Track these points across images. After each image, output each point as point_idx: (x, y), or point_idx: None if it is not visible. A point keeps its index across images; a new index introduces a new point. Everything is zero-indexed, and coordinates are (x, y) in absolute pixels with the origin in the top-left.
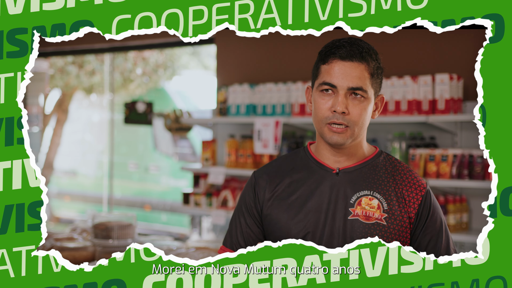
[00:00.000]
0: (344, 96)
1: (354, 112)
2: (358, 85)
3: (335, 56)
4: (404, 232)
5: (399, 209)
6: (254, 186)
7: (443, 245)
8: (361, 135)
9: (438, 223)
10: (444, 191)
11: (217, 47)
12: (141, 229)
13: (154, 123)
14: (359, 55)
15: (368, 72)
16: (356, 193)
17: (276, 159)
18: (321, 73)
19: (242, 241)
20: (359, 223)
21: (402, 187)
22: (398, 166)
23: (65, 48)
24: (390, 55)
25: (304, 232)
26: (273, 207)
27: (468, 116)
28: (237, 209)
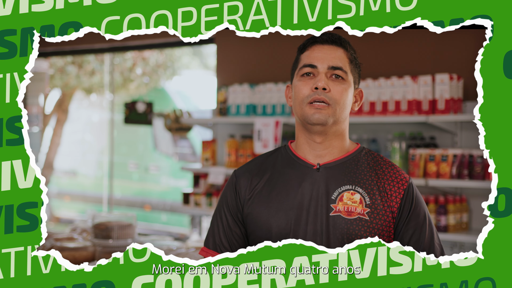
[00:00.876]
0: (325, 76)
1: (335, 90)
2: (338, 65)
3: (315, 41)
4: (388, 227)
5: (381, 204)
6: (235, 185)
7: (426, 239)
8: (342, 120)
9: (421, 217)
10: (444, 191)
11: (217, 47)
12: (141, 229)
13: (154, 123)
14: (338, 40)
15: (346, 56)
16: (338, 189)
17: (257, 157)
18: (300, 60)
19: (226, 242)
20: (341, 219)
21: (384, 181)
22: (380, 161)
23: (65, 48)
24: (390, 55)
25: (286, 229)
26: (254, 205)
27: (468, 116)
28: (218, 209)
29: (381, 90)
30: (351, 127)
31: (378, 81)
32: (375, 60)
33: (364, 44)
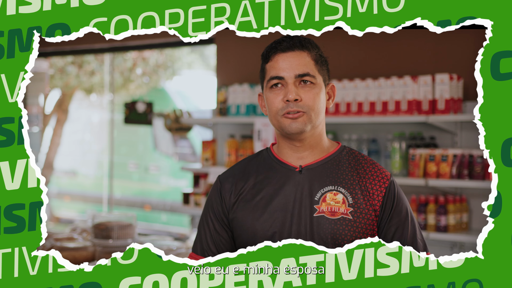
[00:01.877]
0: (294, 85)
1: (307, 98)
2: (305, 71)
3: (276, 50)
4: (371, 225)
5: (364, 202)
6: (220, 190)
7: (409, 235)
8: (319, 123)
9: (403, 213)
10: (444, 191)
11: (217, 47)
12: (141, 229)
13: (154, 123)
14: (299, 43)
15: (311, 58)
16: (321, 189)
17: (240, 162)
18: (266, 71)
19: (213, 247)
20: (325, 220)
21: (366, 180)
22: (361, 159)
23: (65, 48)
24: (390, 55)
25: (271, 232)
26: (239, 209)
27: (468, 116)
28: (204, 215)
29: (381, 90)
30: (351, 127)
31: (378, 81)
32: (375, 60)
33: (364, 44)
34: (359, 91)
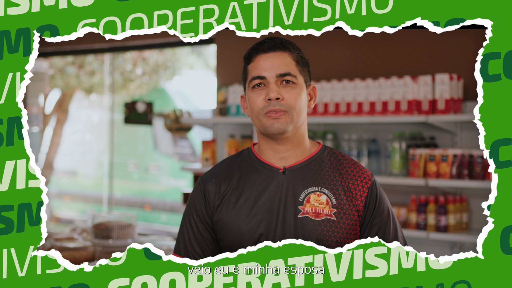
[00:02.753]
0: (275, 84)
1: (289, 97)
2: (286, 71)
3: (258, 51)
4: (354, 225)
5: (347, 203)
6: (204, 191)
7: (391, 234)
8: (300, 123)
9: (385, 213)
10: (444, 191)
11: (217, 47)
12: (141, 229)
13: (154, 123)
14: (280, 44)
15: (292, 59)
16: (305, 190)
17: (221, 162)
18: (249, 72)
19: (198, 248)
20: (310, 221)
21: (348, 181)
22: (343, 160)
23: (65, 48)
24: (390, 55)
25: (257, 234)
26: (223, 211)
27: (468, 116)
28: (187, 215)
29: (381, 90)
30: (351, 127)
31: (378, 81)
32: (375, 60)
33: (364, 44)
34: (359, 91)
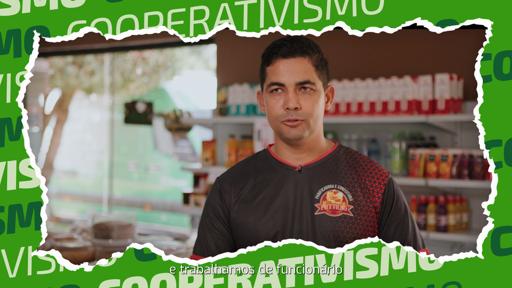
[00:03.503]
0: (294, 92)
1: (306, 106)
2: (305, 79)
3: (277, 55)
4: (372, 222)
5: (364, 200)
6: (220, 190)
7: (410, 232)
8: (317, 128)
9: (402, 211)
10: (444, 191)
11: (217, 47)
12: (141, 229)
13: (154, 123)
14: (300, 50)
15: (312, 64)
16: (321, 188)
17: (238, 163)
18: (267, 75)
19: (214, 247)
20: (326, 218)
21: (365, 178)
22: (359, 158)
23: (65, 48)
24: (390, 55)
25: (274, 231)
26: (240, 210)
27: (468, 116)
28: (205, 216)
29: (381, 90)
30: (351, 127)
31: (378, 81)
32: (375, 60)
33: (364, 44)
34: (359, 91)
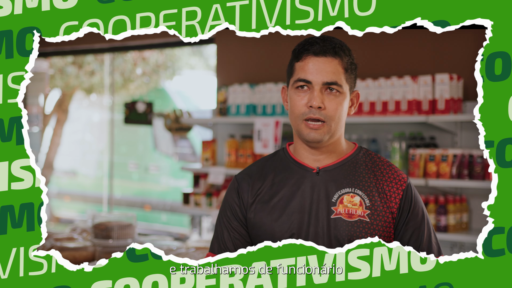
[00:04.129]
0: (320, 91)
1: (330, 107)
2: (333, 80)
3: (309, 52)
4: (388, 228)
5: (381, 205)
6: (238, 189)
7: (425, 238)
8: (338, 131)
9: (420, 216)
10: (444, 191)
11: (217, 47)
12: (141, 229)
13: (154, 123)
14: (332, 50)
15: (342, 67)
16: (338, 191)
17: (256, 162)
18: (295, 70)
19: (231, 246)
20: (342, 221)
21: (383, 182)
22: (378, 161)
23: (65, 48)
24: (390, 55)
25: (289, 233)
26: (256, 210)
27: (468, 116)
28: (222, 214)
29: (381, 90)
30: (351, 127)
31: (378, 81)
32: (375, 60)
33: (364, 44)
34: (359, 91)
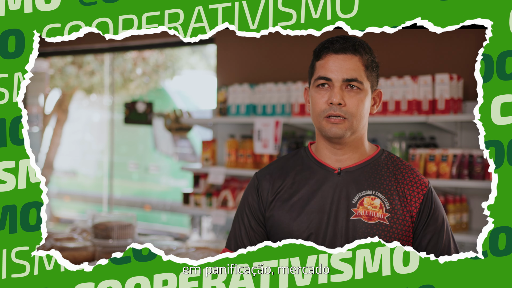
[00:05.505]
0: (340, 88)
1: (351, 103)
2: (353, 77)
3: (329, 50)
4: (407, 231)
5: (401, 208)
6: (257, 187)
7: (443, 244)
8: (360, 129)
9: (439, 222)
10: (444, 191)
11: (217, 47)
12: (141, 229)
13: (154, 123)
14: (352, 47)
15: (362, 64)
16: (358, 193)
17: (277, 160)
18: (316, 69)
19: (248, 243)
20: (362, 223)
21: (404, 186)
22: (400, 165)
23: (65, 48)
24: (390, 55)
25: (307, 233)
26: (276, 208)
27: (468, 116)
28: (240, 211)
29: (382, 90)
30: None
31: None
32: None
33: None
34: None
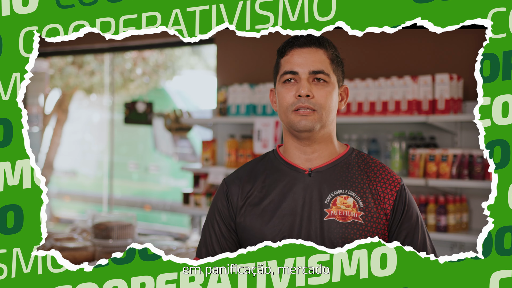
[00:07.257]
0: (307, 81)
1: (319, 95)
2: (319, 69)
3: (293, 45)
4: (382, 230)
5: (375, 206)
6: (227, 193)
7: (419, 241)
8: (329, 124)
9: (414, 219)
10: (444, 191)
11: (217, 47)
12: (141, 229)
13: (154, 123)
14: (317, 41)
15: (327, 57)
16: (331, 193)
17: (245, 164)
18: (281, 65)
19: (220, 250)
20: (336, 224)
21: (376, 184)
22: (371, 163)
23: (65, 48)
24: (390, 55)
25: (280, 236)
26: (246, 214)
27: (468, 116)
28: (210, 218)
29: (381, 90)
30: (351, 127)
31: (378, 81)
32: (375, 60)
33: (364, 44)
34: (359, 91)
